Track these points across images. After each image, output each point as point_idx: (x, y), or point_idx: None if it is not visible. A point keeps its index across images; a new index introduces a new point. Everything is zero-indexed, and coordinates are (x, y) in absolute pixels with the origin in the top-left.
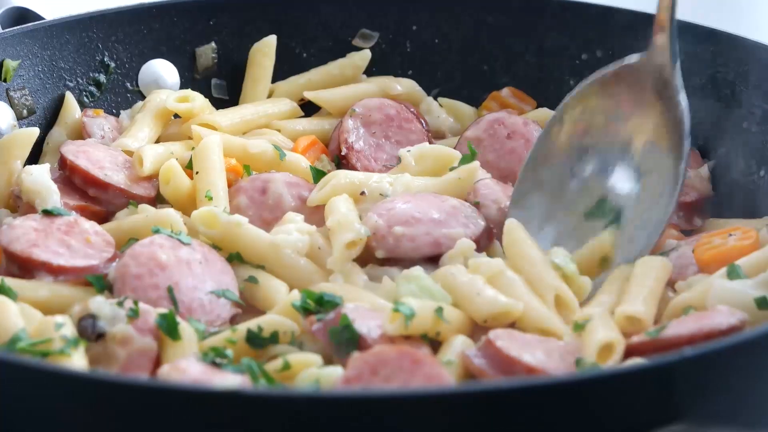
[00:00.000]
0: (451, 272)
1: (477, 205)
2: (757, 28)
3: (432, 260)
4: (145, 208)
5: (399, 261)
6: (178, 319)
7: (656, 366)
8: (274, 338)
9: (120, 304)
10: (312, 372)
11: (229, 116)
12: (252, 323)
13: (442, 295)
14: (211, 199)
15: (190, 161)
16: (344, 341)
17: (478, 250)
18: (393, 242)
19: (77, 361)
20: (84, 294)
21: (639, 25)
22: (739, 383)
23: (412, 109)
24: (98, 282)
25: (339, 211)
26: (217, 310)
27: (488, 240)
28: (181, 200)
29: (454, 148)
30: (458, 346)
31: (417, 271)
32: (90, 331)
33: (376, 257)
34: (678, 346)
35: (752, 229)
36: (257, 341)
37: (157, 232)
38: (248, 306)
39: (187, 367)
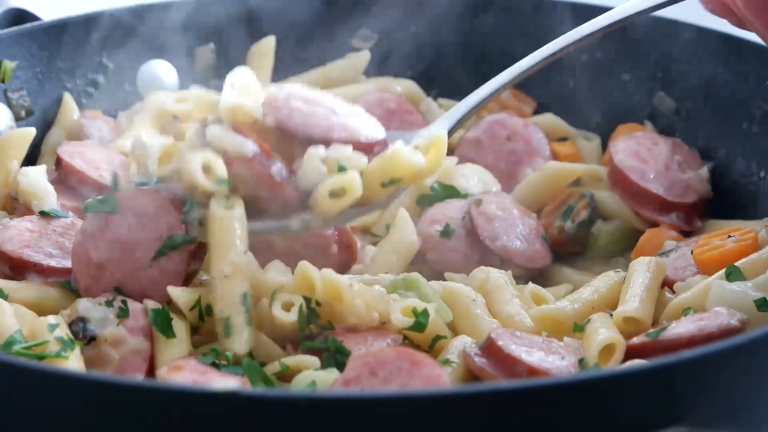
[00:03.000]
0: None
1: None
2: None
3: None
4: None
5: (288, 138)
6: (171, 314)
7: (657, 367)
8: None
9: (109, 303)
10: (308, 374)
11: None
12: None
13: (443, 309)
14: None
15: None
16: (341, 363)
17: (369, 155)
18: (286, 113)
19: (73, 363)
20: (74, 296)
21: (638, 26)
22: (739, 385)
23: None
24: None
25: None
26: (168, 276)
27: (382, 152)
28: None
29: (455, 149)
30: (459, 345)
31: (416, 276)
32: (81, 335)
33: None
34: (678, 347)
35: (751, 230)
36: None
37: (86, 210)
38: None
39: (186, 368)
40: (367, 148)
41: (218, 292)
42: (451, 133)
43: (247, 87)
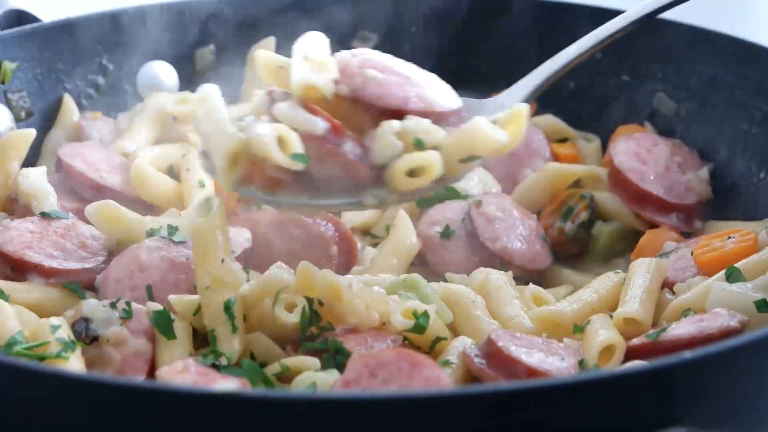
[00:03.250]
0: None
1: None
2: (757, 30)
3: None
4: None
5: (360, 107)
6: (173, 316)
7: (657, 368)
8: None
9: (113, 305)
10: (308, 375)
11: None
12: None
13: (443, 310)
14: (203, 186)
15: None
16: (341, 363)
17: (444, 124)
18: (360, 82)
19: (74, 364)
20: (75, 297)
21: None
22: (739, 386)
23: None
24: (78, 289)
25: (310, 49)
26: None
27: (458, 122)
28: (166, 200)
29: None
30: (459, 346)
31: (416, 277)
32: (84, 335)
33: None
34: (678, 348)
35: (751, 231)
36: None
37: (151, 234)
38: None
39: (186, 369)
40: (443, 119)
41: (204, 304)
42: (527, 101)
43: (322, 61)
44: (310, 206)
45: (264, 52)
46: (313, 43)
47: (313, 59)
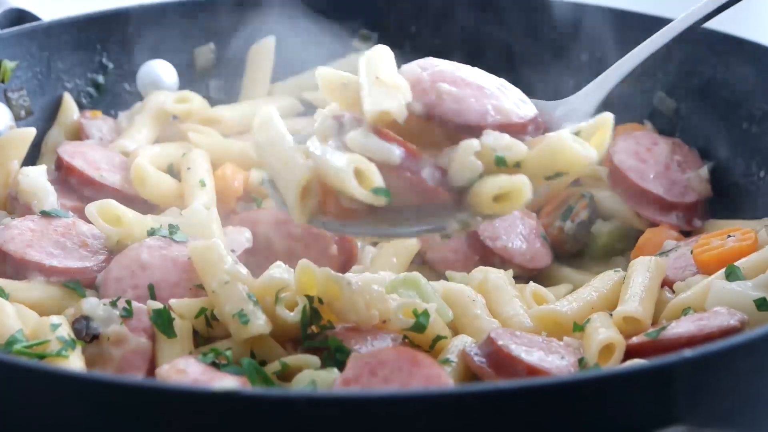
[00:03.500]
0: (457, 288)
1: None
2: (758, 29)
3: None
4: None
5: (433, 126)
6: (173, 315)
7: (656, 367)
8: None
9: (113, 304)
10: (308, 373)
11: (230, 111)
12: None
13: (443, 309)
14: (204, 185)
15: None
16: (340, 361)
17: (521, 133)
18: (435, 98)
19: (74, 362)
20: (76, 296)
21: (638, 27)
22: (739, 385)
23: None
24: (79, 287)
25: (380, 68)
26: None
27: (536, 131)
28: (166, 199)
29: None
30: (459, 344)
31: (416, 275)
32: (84, 333)
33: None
34: (678, 347)
35: (751, 230)
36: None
37: (152, 233)
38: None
39: (186, 368)
40: (520, 129)
41: (222, 297)
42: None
43: (395, 84)
44: (390, 235)
45: (326, 69)
46: (382, 62)
47: (386, 81)
